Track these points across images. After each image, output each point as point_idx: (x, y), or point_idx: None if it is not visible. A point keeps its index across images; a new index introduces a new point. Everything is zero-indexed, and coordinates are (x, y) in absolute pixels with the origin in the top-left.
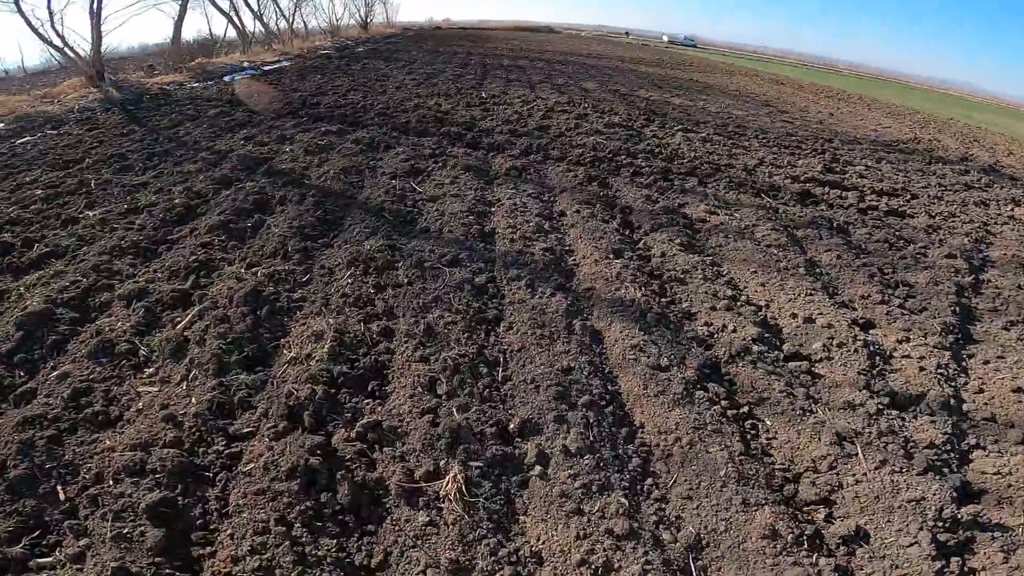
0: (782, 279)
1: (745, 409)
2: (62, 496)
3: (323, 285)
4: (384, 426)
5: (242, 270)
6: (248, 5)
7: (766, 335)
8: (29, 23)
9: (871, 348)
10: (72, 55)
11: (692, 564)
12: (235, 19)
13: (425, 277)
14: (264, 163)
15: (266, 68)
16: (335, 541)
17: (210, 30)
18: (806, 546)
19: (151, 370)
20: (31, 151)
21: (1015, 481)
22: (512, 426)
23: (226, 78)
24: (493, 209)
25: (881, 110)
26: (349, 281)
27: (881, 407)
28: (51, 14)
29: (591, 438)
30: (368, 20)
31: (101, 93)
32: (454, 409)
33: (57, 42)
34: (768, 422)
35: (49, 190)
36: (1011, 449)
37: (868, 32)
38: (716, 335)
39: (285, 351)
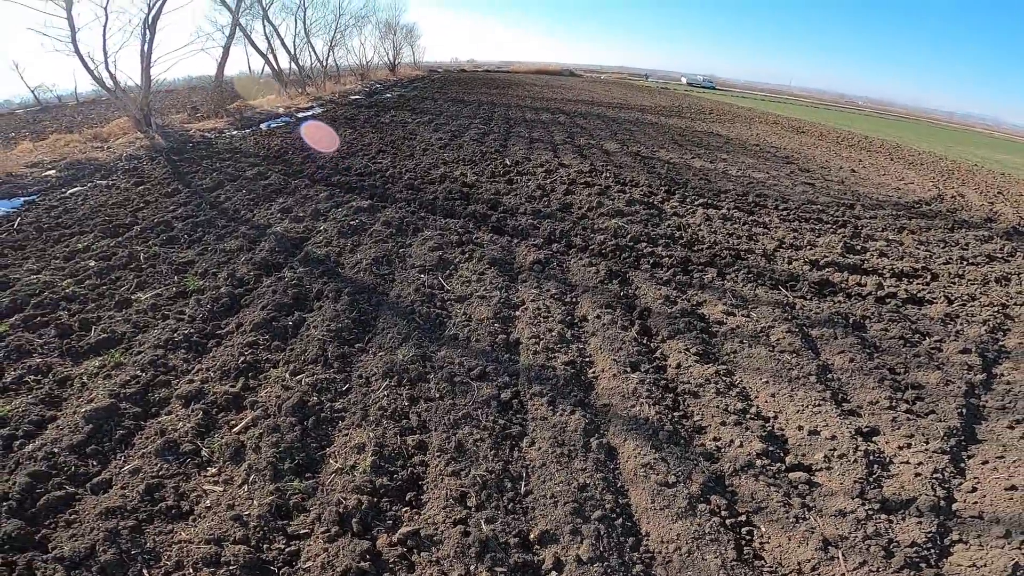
0: (792, 389)
1: (743, 517)
2: None
3: (362, 396)
4: (421, 534)
5: (287, 375)
6: (285, 47)
7: (771, 448)
8: (85, 65)
9: (871, 457)
10: (123, 96)
11: None
12: (272, 61)
13: (455, 392)
14: (301, 245)
15: (300, 115)
16: None
17: (249, 67)
18: None
19: (214, 470)
20: (82, 207)
21: (988, 573)
22: (532, 536)
23: (263, 126)
24: (517, 313)
25: (904, 160)
26: (385, 393)
27: (871, 512)
28: (105, 56)
29: (601, 548)
30: (396, 63)
31: (147, 139)
32: (482, 521)
33: (109, 83)
34: (763, 528)
35: (101, 262)
36: (991, 543)
37: (890, 66)
38: (723, 449)
39: (331, 460)
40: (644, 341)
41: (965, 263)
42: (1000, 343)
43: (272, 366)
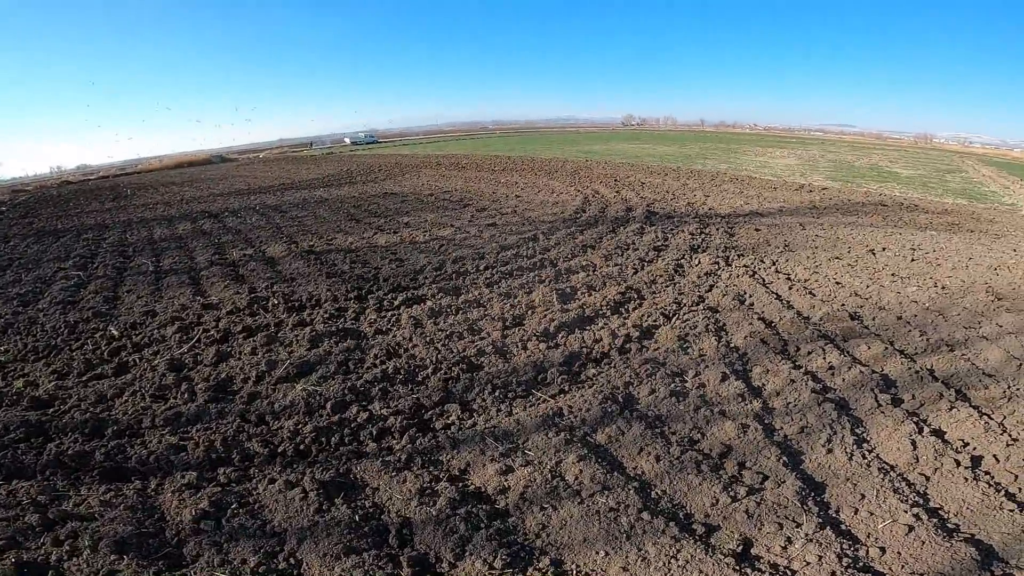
0: (638, 549)
1: None
2: None
3: None
4: None
5: None
6: None
7: None
8: None
9: None
10: None
11: None
12: None
13: None
14: None
15: None
16: None
17: None
18: None
19: None
20: None
21: None
22: None
23: None
24: None
25: (543, 171)
26: None
27: None
28: None
29: None
30: None
31: None
32: None
33: None
34: None
35: None
36: None
37: (501, 86)
38: None
39: None
40: None
41: (644, 264)
42: (732, 345)
43: None
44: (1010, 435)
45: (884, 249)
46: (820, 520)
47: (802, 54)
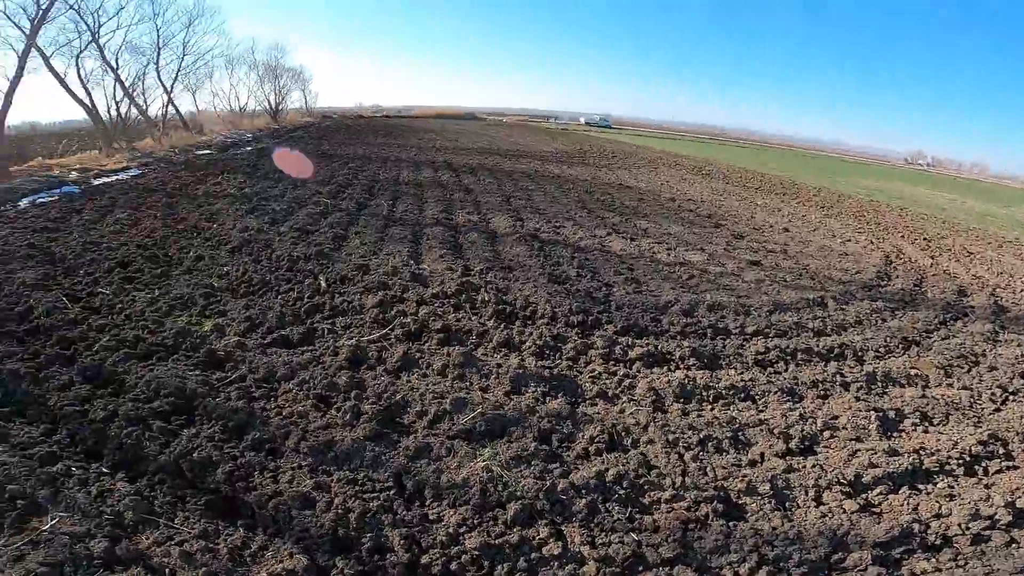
0: None
1: None
2: None
3: None
4: None
5: None
6: (120, 81)
7: None
8: None
9: None
10: None
11: None
12: (87, 102)
13: None
14: None
15: (97, 183)
16: None
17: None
18: None
19: None
20: None
21: None
22: None
23: (24, 201)
24: None
25: (815, 204)
26: None
27: None
28: None
29: None
30: (279, 109)
31: None
32: None
33: None
34: None
35: None
36: None
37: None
38: None
39: None
40: None
41: (1009, 397)
42: None
43: None
44: None
45: None
46: None
47: None
